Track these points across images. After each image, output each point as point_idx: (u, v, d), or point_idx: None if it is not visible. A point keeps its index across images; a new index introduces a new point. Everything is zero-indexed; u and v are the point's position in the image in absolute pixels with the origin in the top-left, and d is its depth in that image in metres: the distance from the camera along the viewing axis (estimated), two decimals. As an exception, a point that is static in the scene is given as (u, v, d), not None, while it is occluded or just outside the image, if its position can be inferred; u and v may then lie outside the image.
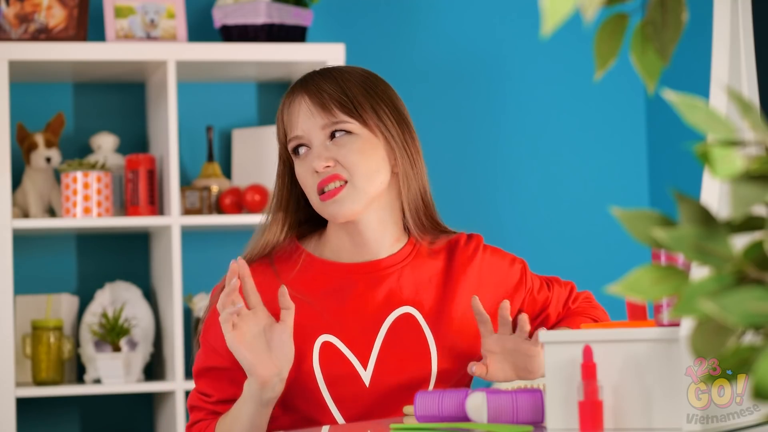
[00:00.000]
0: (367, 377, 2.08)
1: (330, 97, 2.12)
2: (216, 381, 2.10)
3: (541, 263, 4.27)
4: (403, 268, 2.15)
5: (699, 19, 2.84)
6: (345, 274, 2.14)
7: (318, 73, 2.16)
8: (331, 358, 2.08)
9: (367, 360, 2.09)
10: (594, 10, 0.97)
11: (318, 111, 2.11)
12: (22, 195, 3.80)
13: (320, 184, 2.08)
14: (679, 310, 0.93)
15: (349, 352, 2.09)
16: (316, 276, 2.13)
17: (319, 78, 2.14)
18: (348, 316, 2.11)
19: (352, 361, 2.08)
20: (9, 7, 3.71)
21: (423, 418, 1.79)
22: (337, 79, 2.14)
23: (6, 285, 3.59)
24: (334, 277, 2.13)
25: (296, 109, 2.13)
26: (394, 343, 2.10)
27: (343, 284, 2.13)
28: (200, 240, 3.98)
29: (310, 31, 4.04)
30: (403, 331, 2.11)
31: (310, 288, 2.12)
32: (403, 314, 2.13)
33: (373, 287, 2.13)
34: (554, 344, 1.59)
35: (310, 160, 2.09)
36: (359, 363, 2.08)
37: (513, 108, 4.29)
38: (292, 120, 2.12)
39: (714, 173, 0.93)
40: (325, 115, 2.10)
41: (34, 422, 3.88)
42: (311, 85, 2.14)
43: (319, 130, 2.10)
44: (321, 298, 2.11)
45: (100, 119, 3.99)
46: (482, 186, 4.25)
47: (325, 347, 2.08)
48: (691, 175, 3.99)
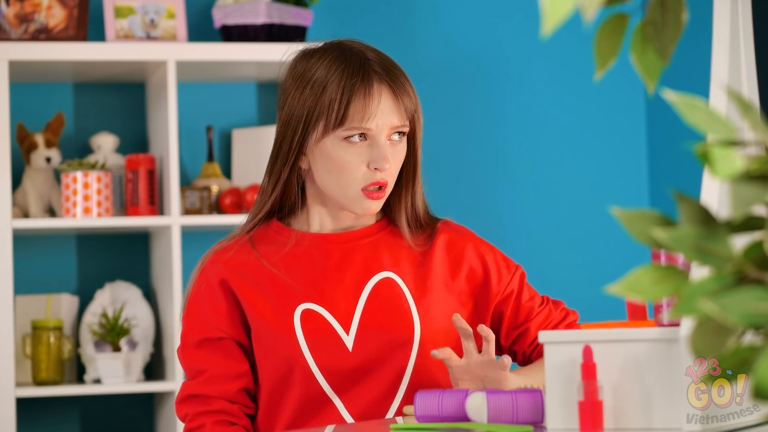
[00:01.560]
0: (349, 342, 2.08)
1: (409, 100, 2.12)
2: (211, 353, 2.10)
3: (541, 263, 4.27)
4: (380, 239, 2.16)
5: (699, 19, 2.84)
6: (322, 243, 2.14)
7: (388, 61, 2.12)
8: (313, 325, 2.08)
9: (349, 325, 2.09)
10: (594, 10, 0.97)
11: (396, 110, 2.09)
12: (22, 195, 3.80)
13: (375, 182, 2.08)
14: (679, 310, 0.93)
15: (331, 317, 2.09)
16: (294, 248, 2.14)
17: (396, 71, 2.11)
18: (327, 284, 2.11)
19: (335, 326, 2.08)
20: (9, 7, 3.71)
21: (423, 418, 1.79)
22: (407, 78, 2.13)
23: (6, 285, 3.59)
24: (310, 247, 2.14)
25: (376, 99, 2.08)
26: (375, 307, 2.10)
27: (321, 253, 2.14)
28: (200, 240, 3.98)
29: (310, 31, 4.04)
30: (385, 295, 2.12)
31: (287, 260, 2.13)
32: (384, 278, 2.13)
33: (351, 254, 2.14)
34: (554, 344, 1.59)
35: (373, 156, 2.07)
36: (341, 328, 2.08)
37: (513, 108, 4.29)
38: (369, 109, 2.07)
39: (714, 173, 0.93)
40: (399, 118, 2.10)
41: (34, 422, 3.88)
42: (393, 78, 2.10)
43: (388, 129, 2.09)
44: (299, 269, 2.12)
45: (100, 119, 3.99)
46: (482, 186, 4.25)
47: (306, 314, 2.09)
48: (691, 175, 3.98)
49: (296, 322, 2.07)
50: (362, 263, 2.13)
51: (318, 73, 2.09)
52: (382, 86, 2.08)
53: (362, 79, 2.07)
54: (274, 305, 2.09)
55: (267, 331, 2.08)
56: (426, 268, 2.16)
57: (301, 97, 2.09)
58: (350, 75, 2.07)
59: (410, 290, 2.12)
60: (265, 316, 2.09)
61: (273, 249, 2.14)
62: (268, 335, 2.08)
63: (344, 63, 2.08)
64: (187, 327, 2.13)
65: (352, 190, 2.08)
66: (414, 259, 2.16)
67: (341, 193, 2.09)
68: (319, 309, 2.09)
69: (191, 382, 2.11)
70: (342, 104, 2.06)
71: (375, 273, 2.13)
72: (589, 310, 4.03)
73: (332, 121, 2.06)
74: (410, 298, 2.12)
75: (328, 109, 2.06)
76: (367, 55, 2.10)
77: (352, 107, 2.06)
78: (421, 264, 2.16)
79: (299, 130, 2.09)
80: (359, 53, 2.10)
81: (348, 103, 2.06)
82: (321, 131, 2.08)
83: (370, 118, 2.06)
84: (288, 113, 2.11)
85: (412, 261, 2.16)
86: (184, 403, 2.11)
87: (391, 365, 2.07)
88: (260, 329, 2.09)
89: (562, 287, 4.26)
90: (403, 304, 2.11)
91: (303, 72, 2.11)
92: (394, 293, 2.12)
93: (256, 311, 2.09)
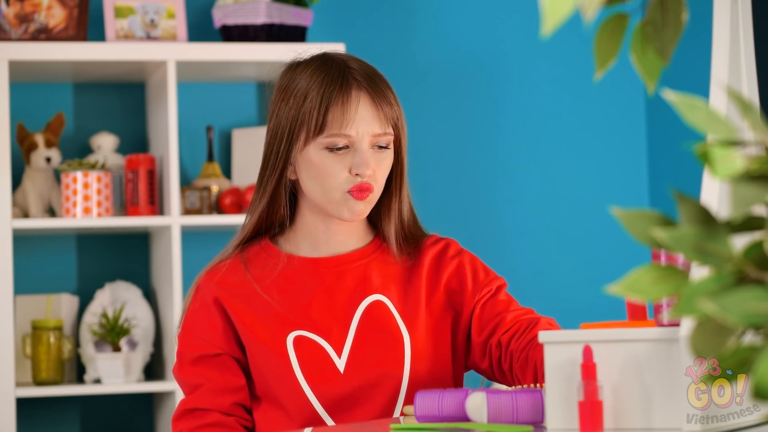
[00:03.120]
0: (341, 364, 2.08)
1: (390, 107, 2.11)
2: (208, 368, 2.09)
3: (541, 263, 4.27)
4: (370, 262, 2.16)
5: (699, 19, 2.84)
6: (312, 267, 2.14)
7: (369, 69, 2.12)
8: (306, 350, 2.08)
9: (341, 350, 2.09)
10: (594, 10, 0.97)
11: (376, 117, 2.09)
12: (22, 195, 3.80)
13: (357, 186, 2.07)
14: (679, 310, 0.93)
15: (324, 342, 2.09)
16: (284, 271, 2.14)
17: (377, 79, 2.11)
18: (319, 309, 2.11)
19: (327, 350, 2.08)
20: (9, 7, 3.71)
21: (423, 418, 1.79)
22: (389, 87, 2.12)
23: (6, 285, 3.59)
24: (300, 271, 2.13)
25: (354, 105, 2.08)
26: (367, 330, 2.10)
27: (311, 277, 2.13)
28: (200, 240, 3.98)
29: (310, 31, 4.04)
30: (376, 317, 2.11)
31: (278, 284, 2.13)
32: (374, 301, 2.13)
33: (341, 278, 2.14)
34: (554, 344, 1.59)
35: (355, 162, 2.07)
36: (334, 352, 2.08)
37: (513, 108, 4.29)
38: (347, 115, 2.08)
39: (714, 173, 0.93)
40: (381, 125, 2.10)
41: (34, 422, 3.88)
42: (373, 86, 2.11)
43: (370, 137, 2.09)
44: (290, 295, 2.11)
45: (100, 119, 3.99)
46: (482, 186, 4.25)
47: (299, 340, 2.09)
48: (691, 175, 3.98)
49: (289, 347, 2.08)
50: (352, 287, 2.13)
51: (300, 84, 2.11)
52: (361, 93, 2.09)
53: (341, 86, 2.09)
54: (268, 327, 2.10)
55: (260, 352, 2.09)
56: (414, 286, 2.15)
57: (285, 107, 2.12)
58: (329, 83, 2.09)
59: (399, 312, 2.13)
60: (258, 337, 2.09)
61: (265, 272, 2.14)
62: (261, 356, 2.09)
63: (325, 71, 2.10)
64: (183, 345, 2.13)
65: (337, 193, 2.08)
66: (402, 277, 2.16)
67: (327, 199, 2.09)
68: (311, 336, 2.09)
69: (188, 398, 2.11)
70: (321, 112, 2.08)
71: (365, 296, 2.13)
72: (589, 310, 4.03)
73: (312, 129, 2.08)
74: (400, 321, 2.12)
75: (309, 117, 2.08)
76: (348, 64, 2.12)
77: (330, 114, 2.07)
78: (409, 282, 2.16)
79: (284, 140, 2.12)
80: (341, 62, 2.12)
81: (326, 110, 2.08)
82: (303, 140, 2.09)
83: (349, 125, 2.07)
84: (275, 125, 2.14)
85: (401, 279, 2.16)
86: (180, 419, 2.11)
87: (384, 390, 2.07)
88: (254, 349, 2.10)
89: (562, 287, 4.26)
90: (393, 327, 2.11)
91: (287, 84, 2.13)
92: (384, 317, 2.12)
93: (250, 331, 2.10)
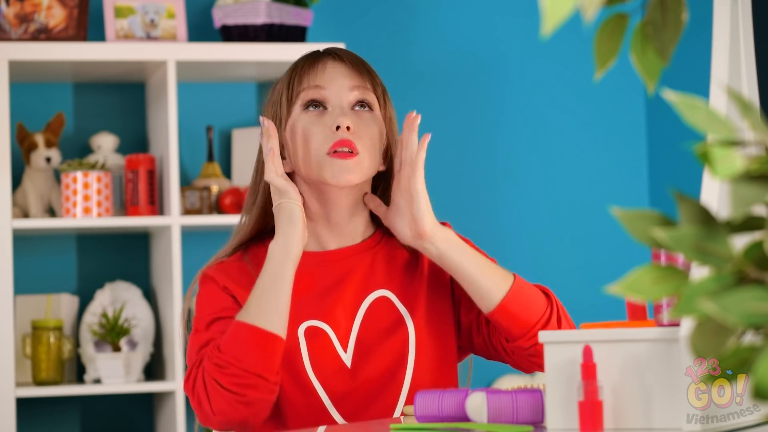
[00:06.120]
0: (348, 359, 2.08)
1: (363, 64, 2.12)
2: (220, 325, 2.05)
3: (541, 263, 4.27)
4: (375, 254, 2.15)
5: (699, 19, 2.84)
6: (321, 262, 2.14)
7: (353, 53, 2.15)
8: (317, 342, 2.08)
9: (347, 344, 2.09)
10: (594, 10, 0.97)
11: (350, 73, 2.10)
12: (22, 195, 3.80)
13: (338, 143, 2.05)
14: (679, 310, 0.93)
15: (333, 334, 2.09)
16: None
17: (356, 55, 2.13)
18: (329, 300, 2.10)
19: (335, 343, 2.08)
20: (9, 7, 3.71)
21: (423, 418, 1.79)
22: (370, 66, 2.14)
23: (6, 285, 3.59)
24: (308, 266, 2.13)
25: (322, 66, 2.11)
26: (371, 327, 2.10)
27: (320, 271, 2.13)
28: (200, 240, 3.98)
29: (310, 31, 4.04)
30: (380, 313, 2.11)
31: None
32: (378, 297, 2.13)
33: (347, 273, 2.13)
34: (554, 344, 1.59)
35: (332, 117, 2.07)
36: (340, 346, 2.08)
37: (513, 108, 4.29)
38: (318, 75, 2.10)
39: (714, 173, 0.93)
40: (359, 78, 2.10)
41: (34, 422, 3.88)
42: (340, 51, 2.13)
43: (347, 91, 2.09)
44: (300, 287, 2.10)
45: (100, 119, 3.99)
46: (482, 186, 4.25)
47: (311, 331, 2.08)
48: (691, 175, 3.99)
49: (301, 338, 2.07)
50: (359, 281, 2.13)
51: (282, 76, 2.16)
52: (329, 56, 2.12)
53: (314, 55, 2.13)
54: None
55: None
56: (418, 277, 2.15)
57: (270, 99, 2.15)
58: (303, 58, 2.14)
59: (405, 307, 2.12)
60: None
61: None
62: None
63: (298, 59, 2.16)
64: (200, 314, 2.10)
65: (320, 155, 2.06)
66: (407, 268, 2.15)
67: (312, 163, 2.06)
68: (322, 326, 2.09)
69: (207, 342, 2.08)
70: (293, 80, 2.11)
71: (370, 292, 2.12)
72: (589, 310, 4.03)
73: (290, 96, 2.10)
74: (405, 312, 2.11)
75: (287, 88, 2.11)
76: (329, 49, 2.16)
77: (303, 74, 2.11)
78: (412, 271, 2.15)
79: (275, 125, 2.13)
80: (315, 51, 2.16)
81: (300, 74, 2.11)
82: (286, 114, 2.11)
83: (318, 75, 2.09)
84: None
85: (406, 270, 2.15)
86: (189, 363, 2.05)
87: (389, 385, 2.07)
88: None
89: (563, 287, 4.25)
90: (398, 320, 2.11)
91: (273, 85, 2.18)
92: (389, 311, 2.12)
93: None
